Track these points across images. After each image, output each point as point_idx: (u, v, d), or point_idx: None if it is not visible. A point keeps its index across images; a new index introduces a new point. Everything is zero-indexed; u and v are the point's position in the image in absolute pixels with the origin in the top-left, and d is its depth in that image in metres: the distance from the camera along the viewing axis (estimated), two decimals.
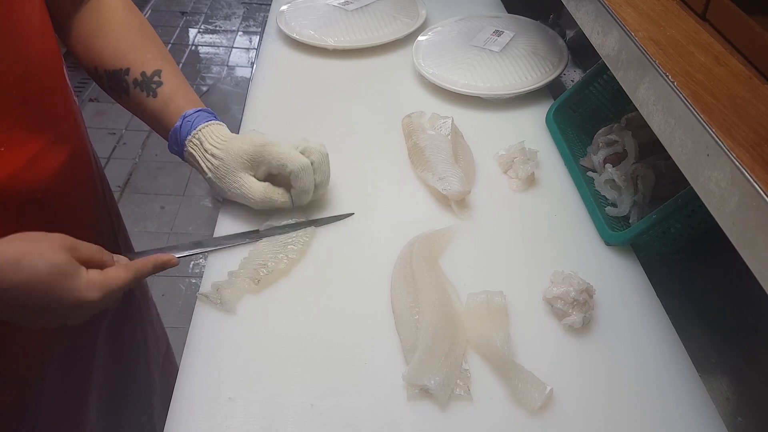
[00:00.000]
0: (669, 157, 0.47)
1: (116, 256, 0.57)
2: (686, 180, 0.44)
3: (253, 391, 0.54)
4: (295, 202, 0.68)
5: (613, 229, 0.69)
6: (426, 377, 0.53)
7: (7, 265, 0.46)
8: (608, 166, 0.74)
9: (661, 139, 0.48)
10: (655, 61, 0.48)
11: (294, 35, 1.03)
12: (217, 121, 0.68)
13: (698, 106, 0.43)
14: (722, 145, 0.39)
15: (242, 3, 3.41)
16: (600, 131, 0.79)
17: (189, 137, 0.66)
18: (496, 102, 0.91)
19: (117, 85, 0.67)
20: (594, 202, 0.73)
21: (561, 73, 0.93)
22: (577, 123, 0.87)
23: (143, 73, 0.66)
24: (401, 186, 0.77)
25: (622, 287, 0.65)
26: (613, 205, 0.73)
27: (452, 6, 1.18)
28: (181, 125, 0.66)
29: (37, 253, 0.48)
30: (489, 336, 0.57)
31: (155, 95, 0.66)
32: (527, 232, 0.71)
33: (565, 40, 1.00)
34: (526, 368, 0.55)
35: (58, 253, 0.49)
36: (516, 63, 0.93)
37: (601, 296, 0.62)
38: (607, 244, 0.69)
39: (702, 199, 0.42)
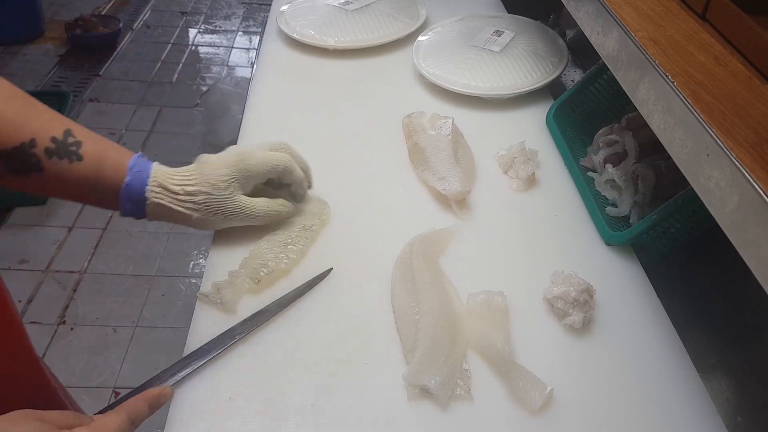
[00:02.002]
0: (669, 157, 0.47)
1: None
2: (686, 180, 0.44)
3: (253, 391, 0.54)
4: (297, 203, 0.67)
5: (613, 229, 0.69)
6: (426, 377, 0.53)
7: None
8: (608, 166, 0.74)
9: (661, 139, 0.48)
10: (655, 61, 0.48)
11: (294, 35, 1.03)
12: (157, 162, 0.60)
13: (698, 106, 0.43)
14: (722, 145, 0.39)
15: (242, 3, 3.41)
16: (600, 131, 0.79)
17: (147, 187, 0.57)
18: (497, 102, 0.91)
19: (22, 164, 0.53)
20: (594, 202, 0.73)
21: (561, 73, 0.93)
22: (577, 123, 0.87)
23: (54, 138, 0.55)
24: (401, 186, 0.77)
25: (622, 287, 0.65)
26: (614, 205, 0.73)
27: (452, 6, 1.18)
28: (131, 179, 0.57)
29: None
30: (489, 336, 0.57)
31: (80, 158, 0.55)
32: (527, 232, 0.71)
33: (565, 40, 1.00)
34: (526, 368, 0.55)
35: (27, 424, 0.41)
36: (516, 63, 0.93)
37: (601, 296, 0.62)
38: (608, 244, 0.69)
39: (702, 199, 0.42)
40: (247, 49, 3.00)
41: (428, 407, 0.53)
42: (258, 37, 3.10)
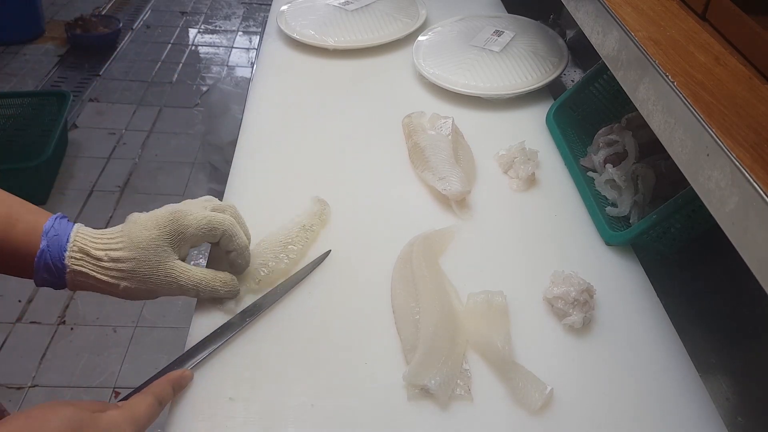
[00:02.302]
0: (669, 157, 0.47)
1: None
2: (686, 180, 0.44)
3: (253, 391, 0.54)
4: (235, 274, 0.59)
5: (613, 229, 0.69)
6: (426, 377, 0.53)
7: None
8: (608, 166, 0.74)
9: (661, 139, 0.48)
10: (655, 61, 0.48)
11: (294, 35, 1.03)
12: (80, 224, 0.53)
13: (698, 106, 0.43)
14: (722, 145, 0.39)
15: (242, 3, 3.41)
16: (600, 131, 0.79)
17: (67, 253, 0.50)
18: (497, 102, 0.91)
19: None
20: (594, 202, 0.73)
21: (561, 73, 0.93)
22: (577, 123, 0.87)
23: None
24: (401, 186, 0.77)
25: (622, 287, 0.65)
26: (614, 205, 0.73)
27: (452, 6, 1.18)
28: (47, 245, 0.49)
29: (41, 419, 0.40)
30: (489, 336, 0.57)
31: None
32: (527, 232, 0.71)
33: (565, 40, 1.00)
34: (526, 368, 0.55)
35: (63, 409, 0.41)
36: (516, 63, 0.93)
37: (601, 296, 0.62)
38: (608, 244, 0.69)
39: (702, 199, 0.42)
40: (247, 49, 3.00)
41: (428, 407, 0.53)
42: (258, 37, 3.10)
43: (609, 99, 0.84)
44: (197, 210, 0.55)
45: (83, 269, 0.50)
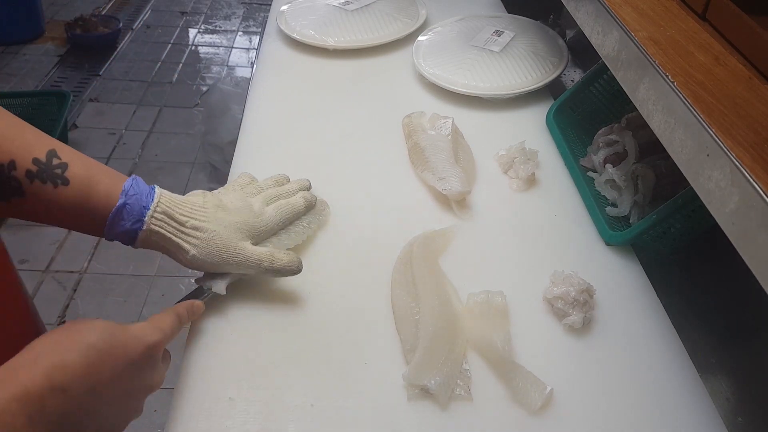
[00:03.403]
0: (669, 157, 0.47)
1: None
2: (686, 180, 0.44)
3: (253, 391, 0.54)
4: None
5: (613, 229, 0.69)
6: (426, 377, 0.53)
7: (55, 367, 0.39)
8: (608, 166, 0.74)
9: (661, 139, 0.48)
10: (655, 61, 0.48)
11: (294, 35, 1.03)
12: (159, 187, 0.57)
13: (698, 106, 0.43)
14: (722, 145, 0.39)
15: (242, 3, 3.41)
16: (600, 131, 0.79)
17: (150, 212, 0.53)
18: (497, 102, 0.91)
19: (2, 186, 0.50)
20: (594, 202, 0.73)
21: (561, 73, 0.93)
22: (577, 123, 0.87)
23: (36, 160, 0.50)
24: (401, 186, 0.77)
25: (622, 287, 0.65)
26: (614, 205, 0.73)
27: (452, 6, 1.18)
28: (125, 204, 0.53)
29: (77, 329, 0.41)
30: (489, 336, 0.57)
31: (66, 182, 0.51)
32: (527, 232, 0.71)
33: (565, 40, 1.00)
34: (526, 368, 0.55)
35: (95, 321, 0.43)
36: (516, 63, 0.93)
37: (601, 296, 0.62)
38: (608, 244, 0.69)
39: (702, 199, 0.42)
40: (247, 49, 3.00)
41: (428, 407, 0.53)
42: (258, 37, 3.10)
43: (609, 99, 0.84)
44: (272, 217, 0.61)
45: (161, 230, 0.54)
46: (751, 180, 0.36)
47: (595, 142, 0.79)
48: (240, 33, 3.13)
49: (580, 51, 1.07)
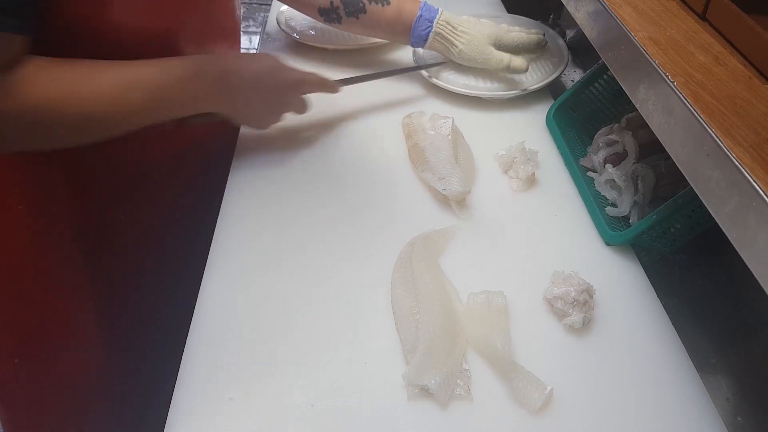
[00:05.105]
0: (669, 157, 0.47)
1: None
2: (686, 180, 0.44)
3: (253, 391, 0.54)
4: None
5: (613, 229, 0.69)
6: (426, 377, 0.53)
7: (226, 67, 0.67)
8: (608, 166, 0.74)
9: (661, 139, 0.48)
10: (655, 61, 0.48)
11: (294, 35, 1.03)
12: (447, 12, 0.85)
13: (698, 107, 0.43)
14: (722, 145, 0.39)
15: (242, 3, 3.40)
16: (600, 131, 0.79)
17: (436, 20, 0.83)
18: (497, 102, 0.91)
19: (354, 6, 0.83)
20: (594, 202, 0.73)
21: (561, 73, 0.93)
22: (577, 123, 0.87)
23: None
24: (401, 186, 0.77)
25: (622, 287, 0.65)
26: (614, 205, 0.73)
27: (452, 6, 1.18)
28: (421, 15, 0.83)
29: (251, 57, 0.70)
30: (489, 336, 0.57)
31: (389, 3, 0.83)
32: (527, 232, 0.71)
33: (565, 40, 1.00)
34: (526, 368, 0.55)
35: (266, 55, 0.72)
36: None
37: (601, 296, 0.62)
38: (608, 244, 0.69)
39: (702, 199, 0.42)
40: (247, 49, 3.00)
41: (428, 407, 0.53)
42: (258, 37, 3.10)
43: (609, 99, 0.84)
44: (516, 33, 0.89)
45: (441, 31, 0.85)
46: (751, 180, 0.36)
47: (595, 142, 0.79)
48: (240, 33, 3.13)
49: (580, 51, 1.07)
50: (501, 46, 0.86)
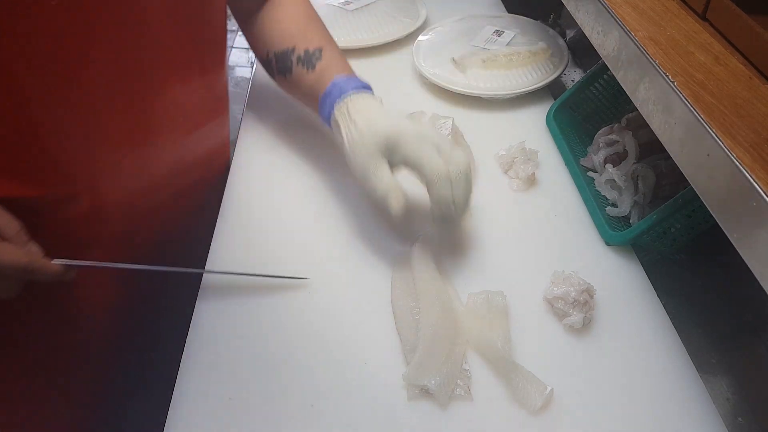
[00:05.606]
0: (669, 157, 0.47)
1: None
2: (686, 180, 0.44)
3: (253, 391, 0.54)
4: (435, 218, 0.60)
5: (613, 229, 0.69)
6: (426, 377, 0.53)
7: None
8: (609, 166, 0.74)
9: (661, 139, 0.48)
10: (655, 61, 0.48)
11: None
12: (369, 93, 0.66)
13: (698, 107, 0.43)
14: (722, 145, 0.39)
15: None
16: (600, 131, 0.79)
17: (337, 102, 0.63)
18: (497, 102, 0.91)
19: (283, 64, 0.73)
20: (594, 202, 0.73)
21: (561, 73, 0.93)
22: (577, 123, 0.87)
23: (306, 51, 0.71)
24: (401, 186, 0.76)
25: (622, 287, 0.65)
26: (614, 205, 0.73)
27: (452, 6, 1.18)
28: (330, 90, 0.65)
29: None
30: (489, 336, 0.57)
31: (313, 68, 0.70)
32: (527, 232, 0.71)
33: (565, 40, 1.00)
34: (526, 368, 0.55)
35: None
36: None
37: (601, 296, 0.62)
38: (608, 244, 0.69)
39: (702, 199, 0.42)
40: (247, 49, 3.00)
41: (428, 407, 0.53)
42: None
43: (609, 99, 0.84)
44: (427, 144, 0.59)
45: (338, 119, 0.63)
46: (751, 180, 0.36)
47: (595, 142, 0.79)
48: (240, 33, 3.12)
49: (580, 51, 1.07)
50: (396, 158, 0.60)
